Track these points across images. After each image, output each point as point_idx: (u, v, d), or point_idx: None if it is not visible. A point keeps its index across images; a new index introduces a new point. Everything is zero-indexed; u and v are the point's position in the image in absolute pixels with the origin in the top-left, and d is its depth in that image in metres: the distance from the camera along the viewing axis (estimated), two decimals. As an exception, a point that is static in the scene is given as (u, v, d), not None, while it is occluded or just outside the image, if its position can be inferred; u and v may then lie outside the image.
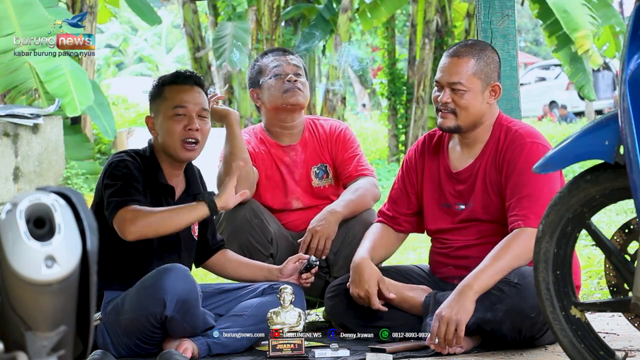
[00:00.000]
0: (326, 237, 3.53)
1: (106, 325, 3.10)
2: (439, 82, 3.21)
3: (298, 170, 3.76)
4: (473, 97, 3.18)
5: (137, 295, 3.05)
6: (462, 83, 3.16)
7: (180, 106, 3.20)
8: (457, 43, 3.29)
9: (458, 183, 3.27)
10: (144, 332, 3.06)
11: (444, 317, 2.96)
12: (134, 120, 14.74)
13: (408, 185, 3.41)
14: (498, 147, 3.20)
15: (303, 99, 3.71)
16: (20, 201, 1.48)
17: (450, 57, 3.21)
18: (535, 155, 3.07)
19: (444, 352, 2.97)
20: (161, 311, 2.98)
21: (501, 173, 3.17)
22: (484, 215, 3.19)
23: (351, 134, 3.82)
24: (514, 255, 3.01)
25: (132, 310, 3.04)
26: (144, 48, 31.23)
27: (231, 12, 11.87)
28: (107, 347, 3.09)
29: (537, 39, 31.67)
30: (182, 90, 3.23)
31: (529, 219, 3.04)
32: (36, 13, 7.33)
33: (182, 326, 3.04)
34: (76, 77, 7.64)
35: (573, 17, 9.91)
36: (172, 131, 3.19)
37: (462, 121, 3.18)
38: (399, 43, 17.63)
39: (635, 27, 2.20)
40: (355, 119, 20.42)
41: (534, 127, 3.35)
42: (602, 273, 3.83)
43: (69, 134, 9.02)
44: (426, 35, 12.82)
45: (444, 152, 3.35)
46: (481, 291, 2.98)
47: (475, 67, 3.18)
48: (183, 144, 3.19)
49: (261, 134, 3.81)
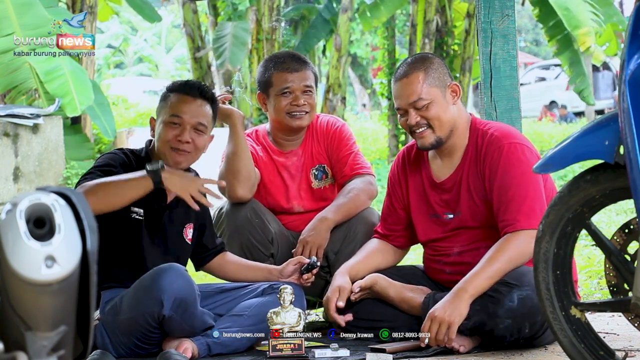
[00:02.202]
0: (317, 246, 3.54)
1: (104, 325, 3.10)
2: (401, 109, 3.21)
3: (299, 174, 3.76)
4: (438, 106, 3.17)
5: (135, 295, 3.05)
6: (422, 97, 3.15)
7: (176, 115, 3.21)
8: (399, 65, 3.28)
9: (443, 192, 3.27)
10: (142, 332, 3.05)
11: (436, 317, 2.98)
12: (134, 120, 14.75)
13: (395, 200, 3.43)
14: (477, 153, 3.20)
15: (307, 122, 3.70)
16: (20, 201, 1.48)
17: (399, 80, 3.20)
18: (514, 155, 3.11)
19: (449, 345, 2.99)
20: (159, 311, 2.98)
21: (484, 179, 3.17)
22: (473, 222, 3.20)
23: (347, 130, 3.81)
24: (508, 258, 3.02)
25: (130, 310, 3.04)
26: (144, 48, 31.25)
27: (231, 12, 11.87)
28: (106, 347, 3.08)
29: (537, 39, 31.67)
30: (184, 100, 3.23)
31: (519, 222, 3.05)
32: (36, 13, 7.32)
33: (180, 326, 3.04)
34: (76, 77, 7.63)
35: (575, 14, 9.91)
36: (163, 137, 3.21)
37: (440, 132, 3.18)
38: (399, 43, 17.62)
39: (635, 27, 2.20)
40: (355, 119, 20.42)
41: (509, 126, 3.33)
42: (602, 273, 3.83)
43: (69, 134, 9.01)
44: (426, 35, 12.82)
45: (425, 164, 3.35)
46: (476, 294, 2.99)
47: (426, 78, 3.17)
48: (171, 150, 3.21)
49: (264, 139, 3.80)
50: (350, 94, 25.15)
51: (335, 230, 3.61)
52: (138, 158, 3.26)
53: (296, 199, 3.74)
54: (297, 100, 3.64)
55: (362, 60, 24.68)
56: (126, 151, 3.27)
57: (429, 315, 3.01)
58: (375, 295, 3.30)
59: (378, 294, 3.29)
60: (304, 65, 3.68)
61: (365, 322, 3.27)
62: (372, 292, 3.30)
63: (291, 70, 3.65)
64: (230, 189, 3.56)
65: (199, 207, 3.18)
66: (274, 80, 3.66)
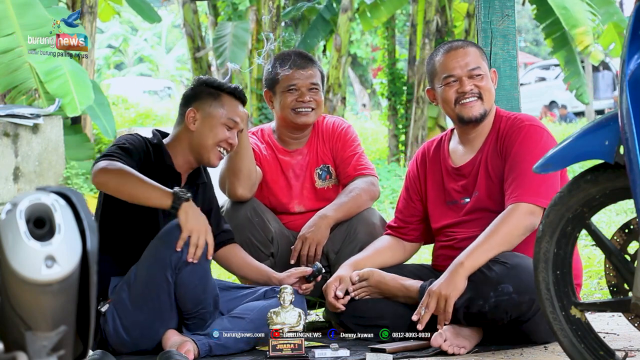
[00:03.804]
0: (316, 243, 3.55)
1: (115, 305, 3.11)
2: (454, 76, 3.24)
3: (303, 174, 3.76)
4: (488, 81, 3.28)
5: (153, 248, 3.09)
6: (480, 67, 3.25)
7: (233, 120, 3.33)
8: (444, 42, 3.35)
9: (461, 178, 3.30)
10: (155, 301, 3.06)
11: (434, 292, 3.03)
12: (134, 120, 14.75)
13: (412, 193, 3.47)
14: (498, 135, 3.26)
15: (313, 119, 3.70)
16: (20, 201, 1.48)
17: (454, 50, 3.26)
18: (531, 136, 3.17)
19: (450, 352, 2.99)
20: (178, 256, 3.01)
21: (501, 157, 3.22)
22: (489, 203, 3.21)
23: (353, 132, 3.82)
24: (506, 231, 3.05)
25: (147, 267, 3.07)
26: (144, 48, 31.23)
27: (231, 12, 11.86)
28: (117, 330, 3.09)
29: (537, 39, 31.66)
30: (237, 105, 3.37)
31: (522, 195, 3.08)
32: (36, 13, 7.32)
33: (194, 284, 3.06)
34: (76, 77, 7.63)
35: (572, 13, 9.92)
36: (214, 136, 3.30)
37: (487, 105, 3.26)
38: (399, 43, 17.62)
39: (635, 27, 2.21)
40: (355, 119, 20.41)
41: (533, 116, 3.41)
42: (602, 273, 3.83)
43: (69, 134, 9.02)
44: (426, 35, 12.81)
45: (444, 153, 3.39)
46: (472, 268, 3.02)
47: (479, 53, 3.30)
48: (217, 151, 3.30)
49: (269, 137, 3.80)
50: (350, 94, 25.13)
51: (335, 229, 3.62)
52: (154, 148, 3.31)
53: (298, 198, 3.74)
54: (303, 97, 3.64)
55: (362, 61, 24.68)
56: (145, 139, 3.32)
57: (427, 292, 3.06)
58: (373, 289, 3.30)
59: (376, 287, 3.29)
60: (310, 63, 3.70)
61: (365, 320, 3.27)
62: (370, 286, 3.31)
63: (298, 67, 3.66)
64: (230, 187, 3.57)
65: (203, 188, 3.39)
66: (280, 77, 3.67)
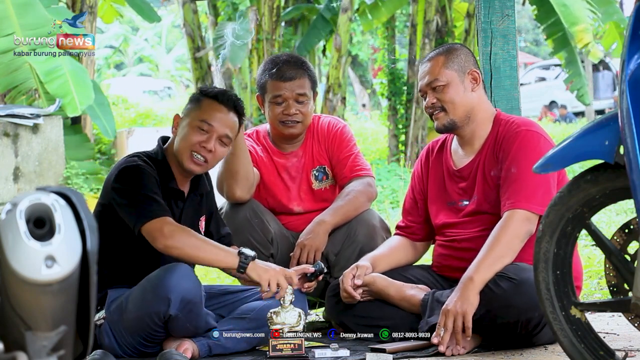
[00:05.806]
0: (315, 249, 3.55)
1: (110, 324, 3.10)
2: (421, 90, 3.30)
3: (299, 176, 3.76)
4: (454, 90, 3.24)
5: (142, 293, 3.05)
6: (438, 79, 3.23)
7: (207, 122, 3.20)
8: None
9: (461, 180, 3.31)
10: (147, 331, 3.06)
11: (450, 311, 2.99)
12: (134, 120, 14.75)
13: (417, 193, 3.49)
14: (496, 140, 3.25)
15: (300, 131, 3.70)
16: (20, 201, 1.48)
17: (422, 64, 3.31)
18: (528, 142, 3.16)
19: (448, 353, 2.98)
20: (165, 310, 2.99)
21: (499, 162, 3.21)
22: (487, 207, 3.22)
23: (348, 132, 3.81)
24: (507, 240, 3.05)
25: (137, 309, 3.04)
26: (144, 48, 31.23)
27: (231, 12, 11.86)
28: (113, 347, 3.09)
29: (537, 39, 31.66)
30: (218, 109, 3.22)
31: (518, 202, 3.08)
32: (36, 13, 7.31)
33: (184, 325, 3.04)
34: (76, 77, 7.63)
35: (572, 11, 9.93)
36: (187, 139, 3.19)
37: (453, 115, 3.24)
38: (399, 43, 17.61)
39: (635, 27, 2.21)
40: (355, 119, 20.41)
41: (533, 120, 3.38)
42: (602, 273, 3.83)
43: (69, 134, 9.01)
44: (426, 36, 12.81)
45: (446, 154, 3.40)
46: (483, 282, 3.01)
47: (446, 62, 3.25)
48: (191, 155, 3.19)
49: (264, 139, 3.80)
50: (350, 94, 25.13)
51: (335, 232, 3.62)
52: (155, 162, 3.23)
53: (296, 200, 3.75)
54: (289, 109, 3.63)
55: (363, 61, 24.68)
56: (144, 157, 3.22)
57: (442, 311, 3.02)
58: (375, 294, 3.31)
59: (378, 294, 3.29)
60: (299, 73, 3.64)
61: (365, 320, 3.27)
62: (372, 291, 3.31)
63: (285, 78, 3.62)
64: (228, 189, 3.57)
65: (206, 197, 3.34)
66: (268, 86, 3.66)
